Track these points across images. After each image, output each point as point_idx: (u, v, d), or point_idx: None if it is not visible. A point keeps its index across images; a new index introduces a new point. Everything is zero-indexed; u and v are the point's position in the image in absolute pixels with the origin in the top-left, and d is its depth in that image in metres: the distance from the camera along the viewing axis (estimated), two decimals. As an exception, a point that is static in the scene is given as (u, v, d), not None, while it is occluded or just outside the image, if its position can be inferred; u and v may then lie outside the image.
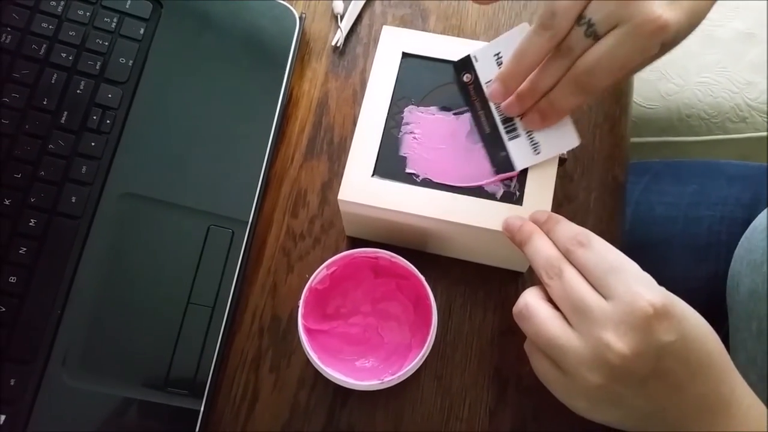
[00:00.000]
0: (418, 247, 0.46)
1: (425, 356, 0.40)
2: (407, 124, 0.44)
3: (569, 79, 0.39)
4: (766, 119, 0.80)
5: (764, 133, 0.80)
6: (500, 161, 0.43)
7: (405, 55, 0.45)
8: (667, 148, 0.82)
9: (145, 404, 0.42)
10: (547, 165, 0.42)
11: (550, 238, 0.38)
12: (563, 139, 0.42)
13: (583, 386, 0.35)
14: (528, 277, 0.47)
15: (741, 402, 0.36)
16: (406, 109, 0.44)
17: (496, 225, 0.41)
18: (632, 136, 0.75)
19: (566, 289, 0.36)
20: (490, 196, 0.42)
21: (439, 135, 0.44)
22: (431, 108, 0.44)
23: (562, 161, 0.43)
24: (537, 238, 0.38)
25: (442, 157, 0.43)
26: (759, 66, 0.81)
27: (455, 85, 0.44)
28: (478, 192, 0.42)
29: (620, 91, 0.53)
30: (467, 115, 0.44)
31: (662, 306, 0.33)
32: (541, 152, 0.42)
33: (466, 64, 0.44)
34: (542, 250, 0.38)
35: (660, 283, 0.36)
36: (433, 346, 0.41)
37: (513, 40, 0.41)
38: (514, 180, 0.42)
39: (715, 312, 0.52)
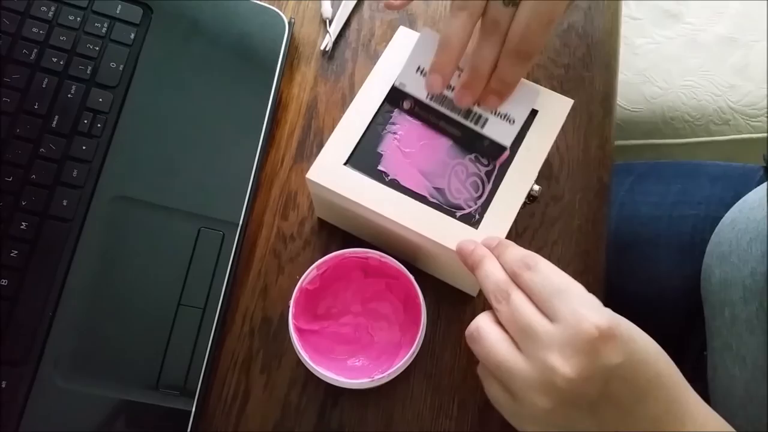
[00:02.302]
0: (379, 246, 0.46)
1: (415, 354, 0.41)
2: (393, 124, 0.44)
3: (508, 53, 0.40)
4: (748, 121, 0.82)
5: (746, 135, 0.82)
6: (488, 149, 0.43)
7: (346, 162, 0.43)
8: (652, 150, 0.84)
9: (136, 405, 0.42)
10: (514, 198, 0.42)
11: (500, 262, 0.38)
12: (527, 97, 0.43)
13: (532, 410, 0.34)
14: (478, 302, 0.47)
15: (695, 419, 0.35)
16: (396, 110, 0.45)
17: (445, 241, 0.41)
18: (617, 138, 0.76)
19: (513, 313, 0.35)
20: (450, 213, 0.42)
21: (419, 143, 0.44)
22: (422, 116, 0.44)
23: (532, 198, 0.43)
24: (487, 262, 0.38)
25: (416, 164, 0.43)
26: (741, 69, 0.83)
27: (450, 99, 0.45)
28: (439, 206, 0.42)
29: (604, 95, 0.54)
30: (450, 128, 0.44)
31: (607, 328, 0.33)
32: (515, 120, 0.43)
33: (397, 94, 0.44)
34: (492, 274, 0.37)
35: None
36: (422, 345, 0.41)
37: (425, 46, 0.42)
38: (478, 204, 0.42)
39: (699, 309, 0.54)
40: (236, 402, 0.45)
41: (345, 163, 0.43)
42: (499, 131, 0.43)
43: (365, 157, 0.43)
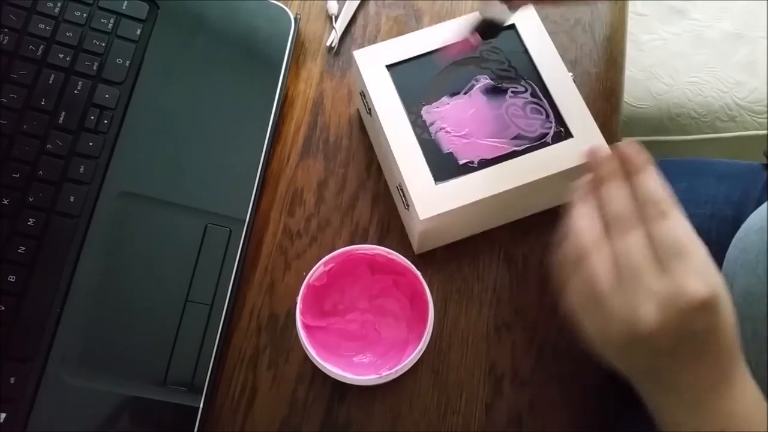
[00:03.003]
0: (488, 227, 0.48)
1: (422, 351, 0.41)
2: (432, 123, 0.45)
3: None
4: (754, 118, 0.81)
5: (753, 132, 0.81)
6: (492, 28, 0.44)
7: (389, 66, 0.46)
8: (658, 147, 0.83)
9: (144, 402, 0.42)
10: (571, 96, 0.45)
11: (631, 186, 0.38)
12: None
13: (607, 340, 0.36)
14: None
15: (734, 384, 0.36)
16: (422, 111, 0.45)
17: (568, 164, 0.42)
18: (623, 135, 0.76)
19: (629, 250, 0.36)
20: (543, 144, 0.44)
21: (465, 117, 0.45)
22: (443, 99, 0.45)
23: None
24: (615, 184, 0.38)
25: (480, 135, 0.44)
26: (747, 66, 0.82)
27: (448, 69, 0.46)
28: (530, 148, 0.44)
29: (611, 91, 0.54)
30: (477, 88, 0.46)
31: (708, 299, 0.34)
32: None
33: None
34: (618, 199, 0.38)
35: None
36: (429, 342, 0.41)
37: None
38: (553, 121, 0.44)
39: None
40: (243, 398, 0.45)
41: (436, 183, 0.43)
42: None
43: (443, 165, 0.43)
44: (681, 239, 0.36)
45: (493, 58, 0.47)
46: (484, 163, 0.43)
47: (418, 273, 0.42)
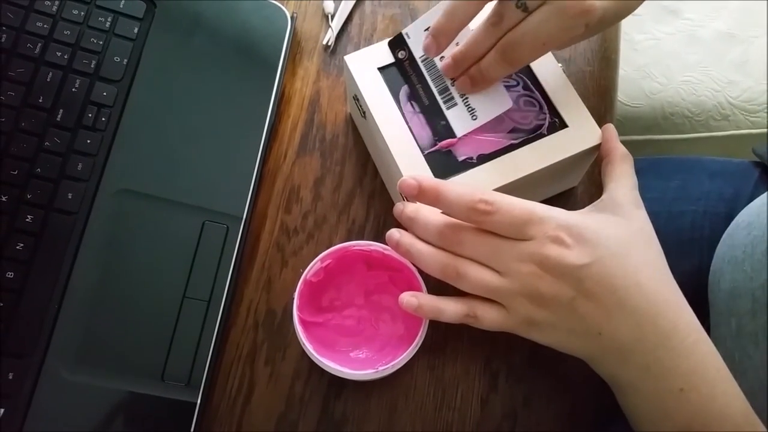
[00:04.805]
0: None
1: (418, 346, 0.41)
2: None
3: (497, 49, 0.41)
4: (747, 117, 0.82)
5: (746, 131, 0.82)
6: (440, 130, 0.44)
7: (381, 69, 0.46)
8: (652, 146, 0.84)
9: (142, 397, 0.43)
10: (562, 86, 0.45)
11: (443, 209, 0.41)
12: (497, 103, 0.44)
13: (524, 317, 0.39)
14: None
15: (685, 336, 0.37)
16: (408, 112, 0.45)
17: (568, 152, 0.43)
18: (617, 134, 0.77)
19: (480, 244, 0.40)
20: (539, 136, 0.44)
21: None
22: (407, 72, 0.45)
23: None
24: (423, 215, 0.41)
25: (477, 131, 0.44)
26: (740, 65, 0.83)
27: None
28: (527, 140, 0.44)
29: (605, 90, 0.54)
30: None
31: (572, 233, 0.37)
32: (478, 117, 0.44)
33: (399, 42, 0.45)
34: (434, 223, 0.41)
35: None
36: (425, 337, 0.42)
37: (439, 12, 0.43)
38: (547, 112, 0.45)
39: (699, 306, 0.54)
40: (241, 394, 0.45)
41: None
42: (459, 120, 0.44)
43: (443, 162, 0.43)
44: (515, 215, 0.39)
45: None
46: (483, 158, 0.44)
47: (414, 269, 0.42)
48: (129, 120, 0.48)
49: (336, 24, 0.54)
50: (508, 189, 0.43)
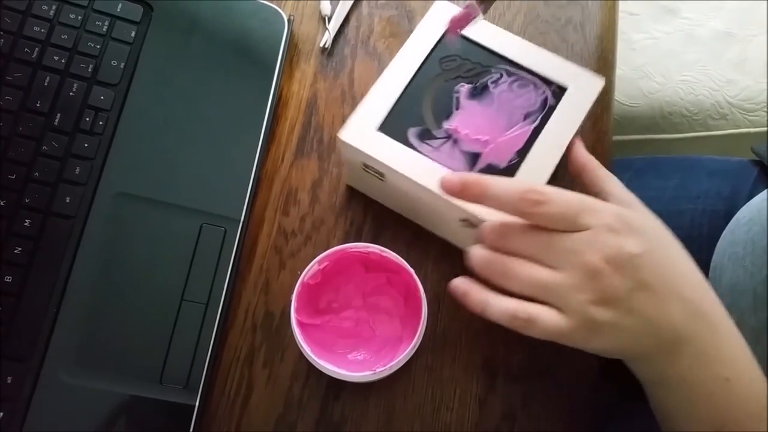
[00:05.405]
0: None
1: (416, 348, 0.41)
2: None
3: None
4: (745, 116, 0.82)
5: (744, 130, 0.82)
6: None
7: (380, 128, 0.44)
8: (650, 145, 0.84)
9: (140, 400, 0.43)
10: (533, 53, 0.46)
11: (493, 203, 0.39)
12: None
13: (584, 317, 0.36)
14: None
15: (725, 324, 0.37)
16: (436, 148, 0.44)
17: (587, 105, 0.44)
18: (616, 134, 0.77)
19: (534, 239, 0.38)
20: (551, 109, 0.45)
21: (475, 128, 0.45)
22: (443, 126, 0.44)
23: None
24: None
25: (499, 133, 0.44)
26: (738, 64, 0.83)
27: (427, 99, 0.45)
28: (544, 117, 0.44)
29: (603, 90, 0.54)
30: (463, 97, 0.45)
31: (621, 223, 0.36)
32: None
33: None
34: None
35: None
36: (423, 339, 0.42)
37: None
38: (540, 85, 0.45)
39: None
40: (239, 396, 0.45)
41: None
42: None
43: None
44: (571, 205, 0.37)
45: (453, 66, 0.46)
46: (523, 153, 0.43)
47: (412, 271, 0.42)
48: (126, 123, 0.48)
49: (333, 26, 0.54)
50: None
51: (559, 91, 0.45)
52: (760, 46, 0.83)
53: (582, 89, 0.45)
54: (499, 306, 0.38)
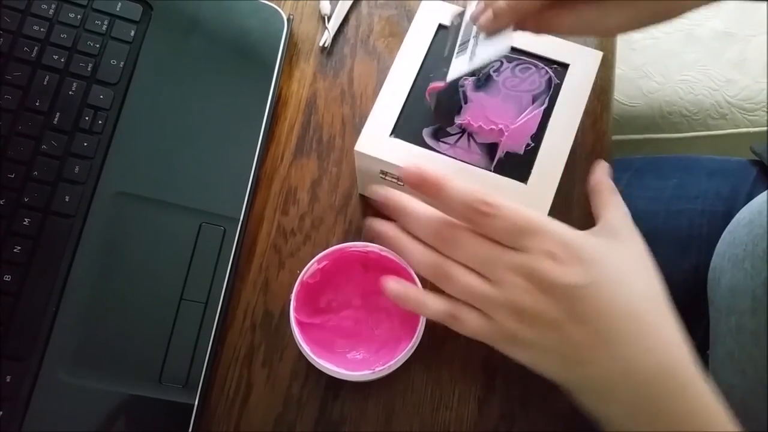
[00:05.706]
0: None
1: (415, 347, 0.41)
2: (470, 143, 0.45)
3: None
4: (745, 116, 0.82)
5: (744, 129, 0.82)
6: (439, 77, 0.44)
7: (392, 133, 0.44)
8: (650, 145, 0.84)
9: (139, 399, 0.43)
10: (526, 37, 0.43)
11: (441, 206, 0.38)
12: (499, 44, 0.42)
13: (506, 331, 0.37)
14: None
15: (680, 377, 0.35)
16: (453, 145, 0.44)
17: (591, 77, 0.45)
18: (615, 133, 0.77)
19: (475, 249, 0.37)
20: (558, 87, 0.45)
21: (488, 118, 0.45)
22: (456, 123, 0.44)
23: None
24: (422, 211, 0.38)
25: (512, 120, 0.44)
26: (738, 64, 0.83)
27: (437, 98, 0.45)
28: (552, 96, 0.45)
29: (602, 89, 0.54)
30: (469, 89, 0.46)
31: (573, 249, 0.35)
32: (475, 57, 0.42)
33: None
34: (428, 223, 0.38)
35: None
36: (422, 338, 0.42)
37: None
38: (541, 66, 0.46)
39: (697, 304, 0.54)
40: (238, 395, 0.45)
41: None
42: (456, 65, 0.43)
43: (516, 165, 0.43)
44: (517, 222, 0.36)
45: None
46: (538, 137, 0.44)
47: (411, 270, 0.42)
48: (126, 123, 0.48)
49: (332, 25, 0.54)
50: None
51: (561, 69, 0.46)
52: (759, 46, 0.83)
53: (583, 63, 0.46)
54: (434, 307, 0.39)
